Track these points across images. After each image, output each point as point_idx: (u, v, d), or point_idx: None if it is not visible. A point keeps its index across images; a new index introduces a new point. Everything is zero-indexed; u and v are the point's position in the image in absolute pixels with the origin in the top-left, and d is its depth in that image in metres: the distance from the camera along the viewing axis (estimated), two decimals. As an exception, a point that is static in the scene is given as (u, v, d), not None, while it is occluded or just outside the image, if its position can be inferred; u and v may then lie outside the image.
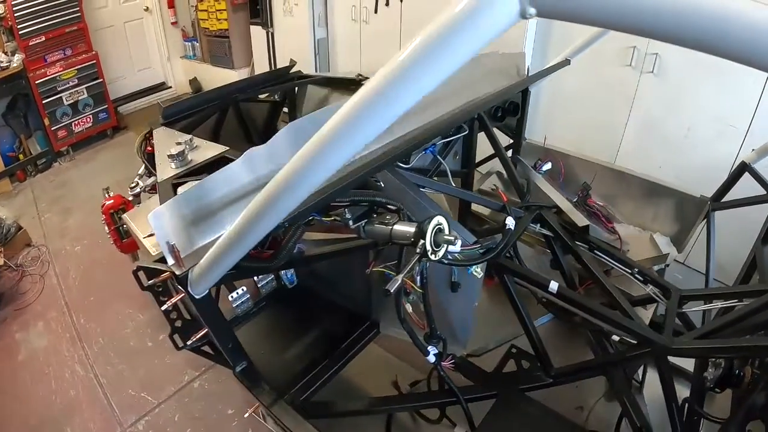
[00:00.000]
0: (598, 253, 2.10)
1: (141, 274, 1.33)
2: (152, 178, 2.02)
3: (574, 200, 2.42)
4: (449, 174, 2.21)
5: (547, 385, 1.80)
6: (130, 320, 3.18)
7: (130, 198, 2.20)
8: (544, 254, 2.27)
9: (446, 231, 1.30)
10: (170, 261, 1.22)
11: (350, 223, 1.44)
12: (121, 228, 2.58)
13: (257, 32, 5.25)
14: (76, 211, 4.49)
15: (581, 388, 2.15)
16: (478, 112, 2.09)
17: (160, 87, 6.74)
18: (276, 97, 2.94)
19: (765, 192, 2.20)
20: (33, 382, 2.83)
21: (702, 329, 1.58)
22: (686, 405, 1.66)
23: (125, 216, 2.01)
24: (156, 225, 1.18)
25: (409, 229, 1.32)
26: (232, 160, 1.40)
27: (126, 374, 2.82)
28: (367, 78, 2.71)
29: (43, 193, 4.92)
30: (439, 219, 1.28)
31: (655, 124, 3.15)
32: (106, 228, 2.67)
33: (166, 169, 1.66)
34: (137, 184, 2.05)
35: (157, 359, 2.88)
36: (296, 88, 2.96)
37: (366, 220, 1.44)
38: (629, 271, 2.03)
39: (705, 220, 2.36)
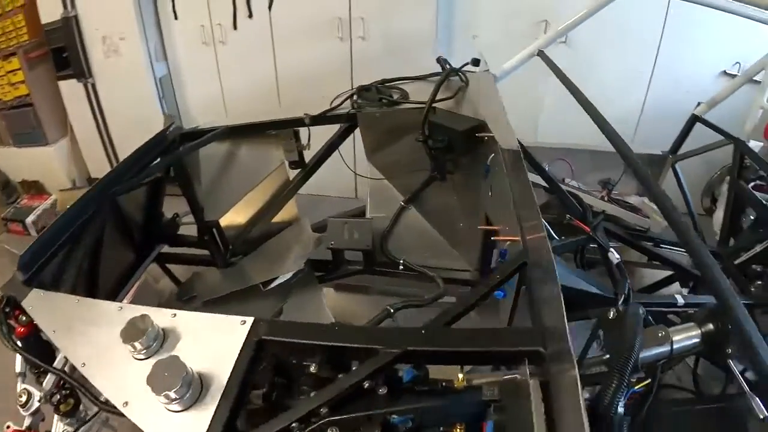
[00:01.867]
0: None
1: None
2: (49, 378, 1.23)
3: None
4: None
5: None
6: None
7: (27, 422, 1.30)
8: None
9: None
10: None
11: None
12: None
13: (71, 88, 4.11)
14: None
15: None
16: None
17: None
18: (159, 173, 2.22)
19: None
20: None
21: None
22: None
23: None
24: None
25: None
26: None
27: None
28: (313, 115, 2.23)
29: None
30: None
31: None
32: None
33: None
34: (28, 394, 1.22)
35: None
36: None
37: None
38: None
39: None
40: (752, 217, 2.48)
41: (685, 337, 1.35)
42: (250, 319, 1.07)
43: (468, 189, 2.30)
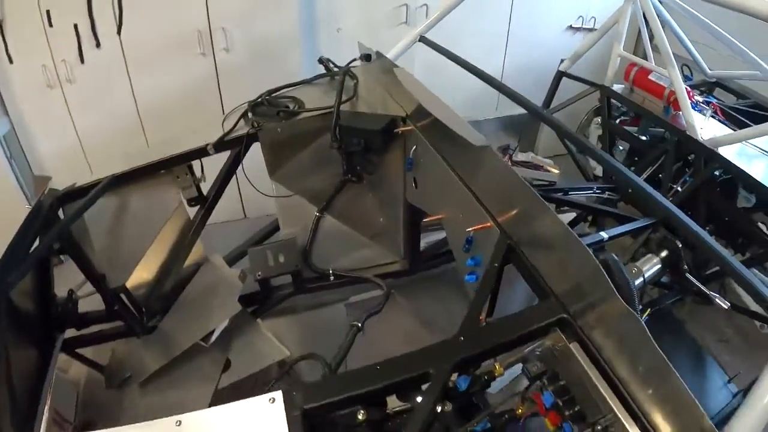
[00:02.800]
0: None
1: None
2: None
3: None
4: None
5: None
6: None
7: None
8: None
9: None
10: None
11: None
12: None
13: None
14: None
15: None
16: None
17: None
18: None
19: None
20: None
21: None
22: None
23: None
24: None
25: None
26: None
27: None
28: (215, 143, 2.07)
29: None
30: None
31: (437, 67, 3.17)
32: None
33: None
34: None
35: None
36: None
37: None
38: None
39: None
40: (621, 148, 2.85)
41: (650, 266, 1.64)
42: (277, 394, 0.98)
43: (386, 184, 2.32)
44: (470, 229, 1.48)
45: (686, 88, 2.24)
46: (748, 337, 2.65)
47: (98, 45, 2.86)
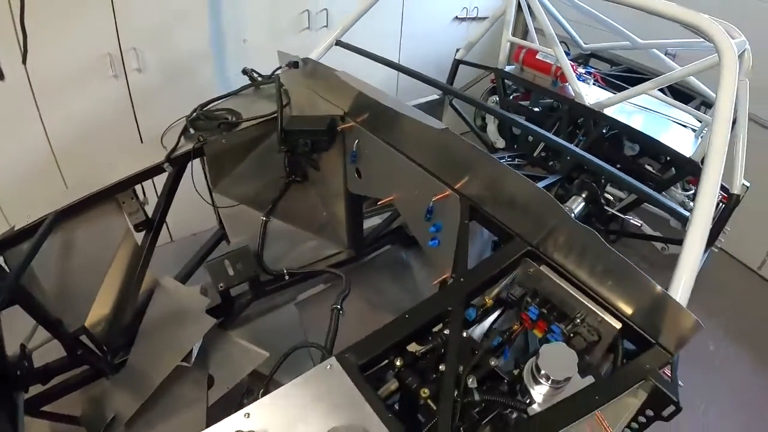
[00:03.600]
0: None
1: None
2: None
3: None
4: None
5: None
6: None
7: None
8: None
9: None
10: None
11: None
12: None
13: None
14: None
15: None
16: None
17: None
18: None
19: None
20: None
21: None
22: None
23: None
24: None
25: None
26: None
27: None
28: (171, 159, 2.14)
29: None
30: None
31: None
32: None
33: None
34: None
35: None
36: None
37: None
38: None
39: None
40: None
41: (577, 205, 2.15)
42: (332, 360, 1.17)
43: (327, 179, 2.52)
44: (434, 198, 1.73)
45: (570, 63, 2.68)
46: (653, 265, 3.12)
47: (1, 77, 2.67)
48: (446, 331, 1.24)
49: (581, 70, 3.05)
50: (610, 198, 2.48)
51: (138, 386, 2.12)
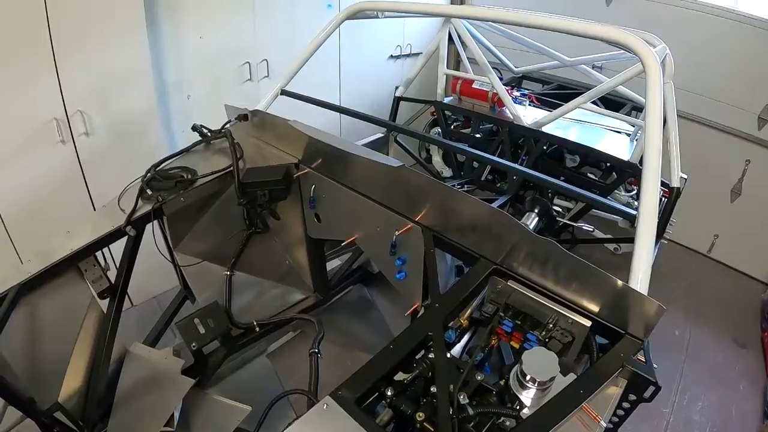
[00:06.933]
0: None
1: None
2: None
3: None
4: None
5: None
6: None
7: None
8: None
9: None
10: None
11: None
12: None
13: None
14: None
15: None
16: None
17: None
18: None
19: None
20: None
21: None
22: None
23: None
24: None
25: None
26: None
27: None
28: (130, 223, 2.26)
29: None
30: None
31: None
32: None
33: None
34: None
35: None
36: None
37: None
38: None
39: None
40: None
41: (531, 220, 2.38)
42: (327, 399, 1.27)
43: (287, 227, 2.64)
44: (397, 233, 1.88)
45: (505, 87, 2.95)
46: (609, 266, 3.40)
47: None
48: (430, 356, 1.36)
49: (516, 93, 3.33)
50: (559, 209, 2.72)
51: (123, 465, 2.10)
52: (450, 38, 3.26)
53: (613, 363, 1.33)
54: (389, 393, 1.32)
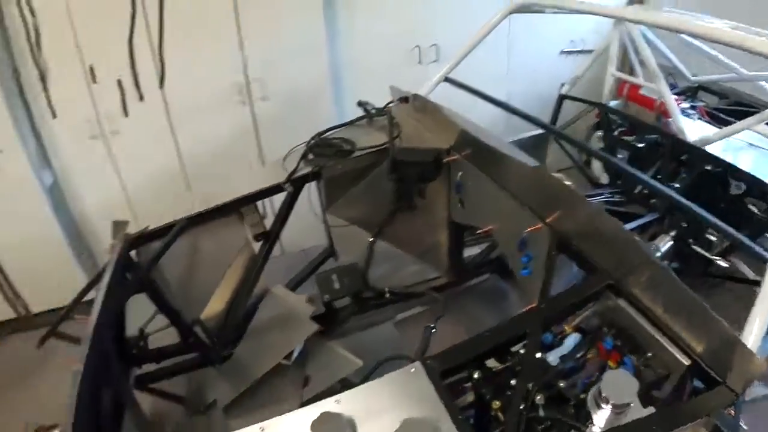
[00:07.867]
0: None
1: None
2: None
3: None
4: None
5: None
6: None
7: None
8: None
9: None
10: None
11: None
12: None
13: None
14: None
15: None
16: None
17: None
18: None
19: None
20: None
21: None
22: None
23: None
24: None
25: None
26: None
27: None
28: (291, 180, 2.56)
29: None
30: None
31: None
32: None
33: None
34: None
35: None
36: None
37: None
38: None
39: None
40: (621, 156, 3.36)
41: (664, 243, 2.39)
42: (416, 365, 1.41)
43: (432, 207, 2.81)
44: (527, 230, 1.97)
45: (674, 98, 2.79)
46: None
47: (141, 98, 3.19)
48: (521, 350, 1.46)
49: (685, 104, 3.10)
50: (713, 239, 2.55)
51: (240, 377, 2.42)
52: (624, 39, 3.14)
53: (700, 409, 1.30)
54: (476, 375, 1.44)
